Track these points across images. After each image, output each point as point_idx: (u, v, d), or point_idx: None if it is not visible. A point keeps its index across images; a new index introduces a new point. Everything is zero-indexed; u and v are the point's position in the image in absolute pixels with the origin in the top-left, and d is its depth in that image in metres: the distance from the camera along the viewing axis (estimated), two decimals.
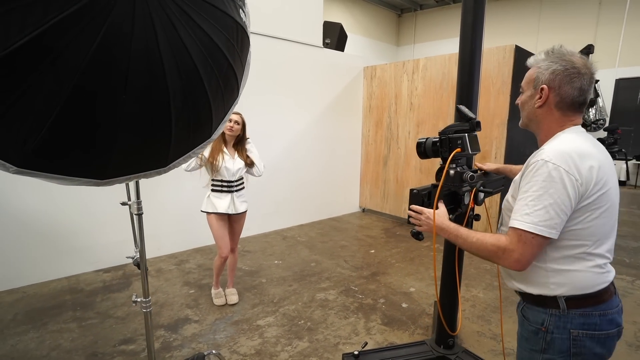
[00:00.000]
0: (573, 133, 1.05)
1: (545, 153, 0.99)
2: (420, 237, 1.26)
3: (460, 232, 1.14)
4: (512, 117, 3.93)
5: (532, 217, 0.96)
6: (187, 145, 1.43)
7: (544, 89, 1.06)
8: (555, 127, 1.08)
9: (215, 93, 1.28)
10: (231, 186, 2.63)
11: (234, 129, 2.58)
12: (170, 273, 3.39)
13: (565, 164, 0.95)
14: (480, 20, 1.75)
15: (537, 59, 1.10)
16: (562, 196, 0.95)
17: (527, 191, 1.00)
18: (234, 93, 1.49)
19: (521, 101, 1.17)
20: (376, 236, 4.60)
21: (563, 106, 1.06)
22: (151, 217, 3.64)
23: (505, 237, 1.02)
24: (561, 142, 1.01)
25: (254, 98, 4.23)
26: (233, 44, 1.28)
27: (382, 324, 2.60)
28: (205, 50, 1.13)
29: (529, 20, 9.72)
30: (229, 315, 2.69)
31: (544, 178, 0.96)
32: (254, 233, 4.54)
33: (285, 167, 4.72)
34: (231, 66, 1.30)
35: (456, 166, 1.27)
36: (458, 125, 1.28)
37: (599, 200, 0.98)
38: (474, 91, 1.78)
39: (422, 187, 1.27)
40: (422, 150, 1.38)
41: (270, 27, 4.27)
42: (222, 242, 2.66)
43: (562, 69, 1.04)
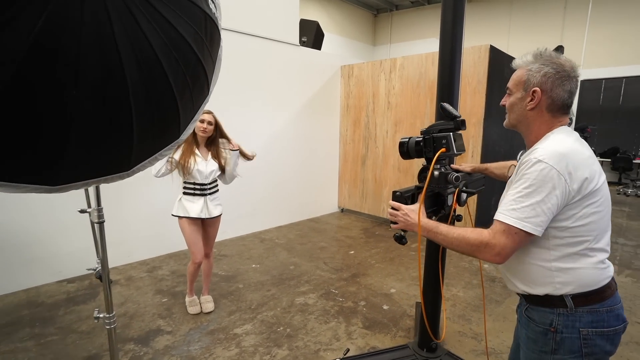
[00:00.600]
0: (562, 133, 1.07)
1: (539, 152, 1.00)
2: (404, 241, 1.20)
3: (440, 228, 1.12)
4: (488, 116, 3.98)
5: (518, 212, 0.98)
6: (153, 146, 1.32)
7: (536, 92, 1.07)
8: (544, 128, 1.10)
9: (182, 89, 1.18)
10: (204, 189, 2.51)
11: (207, 130, 2.46)
12: (141, 281, 3.21)
13: (558, 165, 0.96)
14: (460, 19, 1.71)
15: (526, 61, 1.11)
16: (551, 196, 0.96)
17: (516, 187, 1.01)
18: (203, 91, 1.39)
19: (510, 103, 1.16)
20: (355, 236, 4.56)
21: (554, 108, 1.08)
22: (121, 221, 3.45)
23: (487, 231, 1.02)
24: (554, 143, 1.02)
25: (228, 97, 4.09)
26: (202, 37, 1.18)
27: (364, 327, 2.55)
28: (169, 42, 1.03)
29: (500, 22, 9.98)
30: (204, 324, 2.57)
31: (535, 176, 0.97)
32: (230, 236, 4.40)
33: (262, 167, 4.60)
34: (200, 61, 1.20)
35: (440, 167, 1.22)
36: (442, 124, 1.22)
37: (594, 194, 1.00)
38: (454, 90, 1.75)
39: (405, 188, 1.21)
40: (404, 151, 1.32)
41: (245, 24, 4.15)
42: (195, 247, 2.53)
43: (554, 72, 1.05)
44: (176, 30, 1.05)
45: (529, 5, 9.57)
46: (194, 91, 1.28)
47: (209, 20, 1.21)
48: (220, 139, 2.58)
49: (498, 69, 4.10)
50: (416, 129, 4.58)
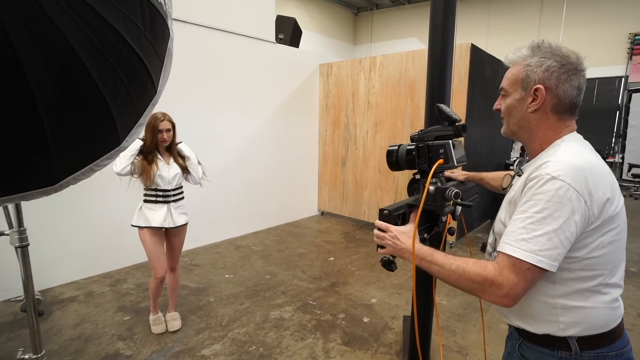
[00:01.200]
0: (574, 142, 0.89)
1: (552, 166, 0.81)
2: (393, 267, 1.02)
3: (435, 257, 0.91)
4: (469, 116, 3.88)
5: (530, 243, 0.78)
6: (85, 156, 1.10)
7: (539, 90, 0.88)
8: (551, 134, 0.92)
9: (114, 87, 0.97)
10: (167, 196, 2.29)
11: (167, 139, 2.25)
12: (102, 297, 2.95)
13: (577, 183, 0.78)
14: (452, 9, 1.55)
15: (521, 55, 0.93)
16: (569, 222, 0.78)
17: (525, 211, 0.81)
18: (147, 89, 1.18)
19: (506, 106, 0.96)
20: (335, 241, 4.39)
21: (560, 109, 0.90)
22: (79, 232, 3.17)
23: (492, 264, 0.83)
24: (568, 154, 0.84)
25: (197, 97, 3.85)
26: (138, 25, 0.97)
27: (342, 343, 2.38)
28: (87, 28, 0.82)
29: (480, 22, 10.03)
30: (168, 345, 2.34)
31: (549, 197, 0.78)
32: (203, 244, 4.16)
33: (237, 170, 4.37)
34: (136, 53, 0.99)
35: (437, 181, 1.03)
36: (438, 130, 1.02)
37: (613, 220, 0.83)
38: (446, 89, 1.59)
39: (394, 205, 1.02)
40: (393, 161, 1.12)
41: (217, 18, 3.91)
42: (157, 261, 2.30)
43: (558, 65, 0.87)
44: (96, 13, 0.84)
45: (507, 6, 9.66)
46: (132, 89, 1.07)
47: (147, 4, 1.00)
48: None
49: (479, 68, 4.01)
50: (397, 130, 4.46)
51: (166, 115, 2.24)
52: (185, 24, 3.64)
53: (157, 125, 2.18)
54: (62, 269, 3.12)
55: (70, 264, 3.17)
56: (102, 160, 1.16)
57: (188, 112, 3.75)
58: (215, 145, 4.09)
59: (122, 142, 1.18)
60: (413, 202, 1.04)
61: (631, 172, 7.60)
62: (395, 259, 1.03)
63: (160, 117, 2.19)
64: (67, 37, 0.78)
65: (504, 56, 1.00)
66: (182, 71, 3.65)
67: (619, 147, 8.28)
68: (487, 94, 4.23)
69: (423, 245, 0.95)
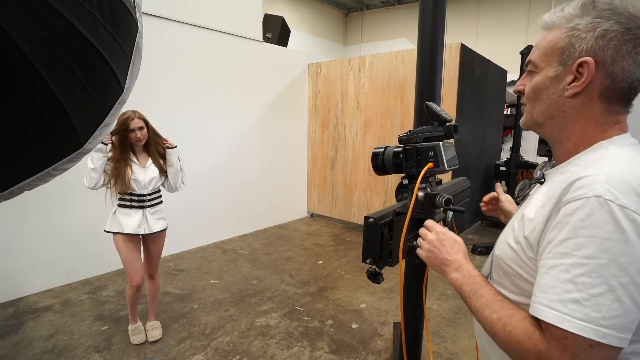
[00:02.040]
0: (627, 146, 0.64)
1: (598, 184, 0.56)
2: (380, 279, 0.93)
3: (478, 288, 0.69)
4: (459, 116, 3.84)
5: (587, 307, 0.52)
6: (39, 160, 1.01)
7: (586, 64, 0.62)
8: (593, 130, 0.66)
9: (66, 84, 0.87)
10: (143, 200, 2.17)
11: (141, 137, 2.13)
12: (80, 305, 2.82)
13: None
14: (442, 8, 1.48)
15: (565, 15, 0.66)
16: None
17: (569, 254, 0.55)
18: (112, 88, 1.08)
19: (533, 86, 0.71)
20: (324, 244, 4.31)
21: (612, 95, 0.63)
22: (55, 237, 3.04)
23: (539, 333, 0.57)
24: (618, 162, 0.59)
25: (183, 96, 3.73)
26: (92, 14, 0.88)
27: (330, 352, 2.30)
28: (29, 15, 0.73)
29: (469, 23, 10.06)
30: (148, 356, 2.23)
31: (607, 232, 0.53)
32: (189, 247, 4.04)
33: (224, 172, 4.26)
34: (92, 46, 0.89)
35: (426, 186, 0.94)
36: (428, 131, 0.91)
37: None
38: (436, 87, 1.51)
39: (380, 212, 0.93)
40: (379, 164, 1.02)
41: (201, 16, 3.80)
42: (132, 268, 2.19)
43: (621, 30, 0.60)
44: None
45: (496, 7, 9.71)
46: (91, 87, 0.97)
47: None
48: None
49: (469, 68, 3.97)
50: (386, 130, 4.40)
51: (136, 113, 2.12)
52: (170, 21, 3.52)
53: (128, 124, 2.06)
54: (37, 277, 2.98)
55: (46, 271, 3.03)
56: (62, 164, 1.06)
57: (173, 112, 3.63)
58: (201, 146, 3.98)
59: (84, 144, 1.08)
60: (400, 209, 0.96)
61: None
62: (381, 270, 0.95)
63: (131, 116, 2.08)
64: (2, 26, 0.69)
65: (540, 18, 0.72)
66: (166, 70, 3.53)
67: None
68: (477, 94, 4.19)
69: (470, 264, 0.75)
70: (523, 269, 0.69)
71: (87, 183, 2.03)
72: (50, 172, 1.05)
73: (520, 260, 0.69)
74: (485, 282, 0.71)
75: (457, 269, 0.75)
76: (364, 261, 0.95)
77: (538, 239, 0.63)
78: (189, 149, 3.80)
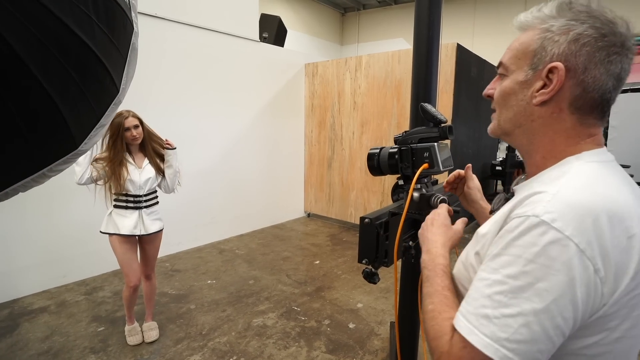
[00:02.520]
0: (595, 163, 0.58)
1: (541, 203, 0.52)
2: (375, 279, 0.94)
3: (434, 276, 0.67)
4: (456, 116, 3.85)
5: (495, 325, 0.50)
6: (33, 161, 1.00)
7: (556, 70, 0.57)
8: (562, 143, 0.61)
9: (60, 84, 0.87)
10: (139, 201, 2.17)
11: (137, 136, 2.12)
12: (76, 306, 2.81)
13: (580, 232, 0.49)
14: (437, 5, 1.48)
15: (541, 15, 0.61)
16: (563, 299, 0.48)
17: (496, 270, 0.52)
18: (107, 88, 1.08)
19: (502, 90, 0.66)
20: (321, 244, 4.31)
21: (583, 105, 0.58)
22: (50, 239, 3.02)
23: (449, 336, 0.56)
24: (573, 181, 0.54)
25: (180, 96, 3.72)
26: (87, 14, 0.88)
27: (327, 351, 2.30)
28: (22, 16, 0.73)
29: (465, 23, 10.10)
30: (145, 357, 2.23)
31: (533, 255, 0.49)
32: (186, 248, 4.03)
33: (221, 172, 4.25)
34: (87, 46, 0.89)
35: (421, 187, 0.95)
36: (423, 132, 0.92)
37: (629, 305, 0.52)
38: (432, 87, 1.52)
39: (375, 213, 0.93)
40: (374, 165, 1.03)
41: (198, 16, 3.79)
42: (128, 269, 2.18)
43: (596, 35, 0.56)
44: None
45: (492, 7, 9.75)
46: (86, 87, 0.97)
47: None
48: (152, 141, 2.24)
49: (465, 68, 3.99)
50: (383, 130, 4.40)
51: (130, 112, 2.11)
52: (166, 21, 3.51)
53: (123, 123, 2.06)
54: (32, 278, 2.96)
55: (42, 272, 3.01)
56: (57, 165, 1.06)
57: (169, 112, 3.62)
58: (198, 146, 3.97)
59: (79, 146, 1.07)
60: (396, 209, 0.96)
61: None
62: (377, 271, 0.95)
63: (125, 114, 2.07)
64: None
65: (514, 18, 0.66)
66: (163, 70, 3.52)
67: None
68: (473, 94, 4.21)
69: (442, 258, 0.70)
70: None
71: (75, 178, 2.01)
72: (45, 174, 1.04)
73: (470, 275, 0.64)
74: (444, 273, 0.67)
75: (427, 251, 0.73)
76: (360, 261, 0.95)
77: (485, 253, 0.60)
78: (186, 148, 3.79)
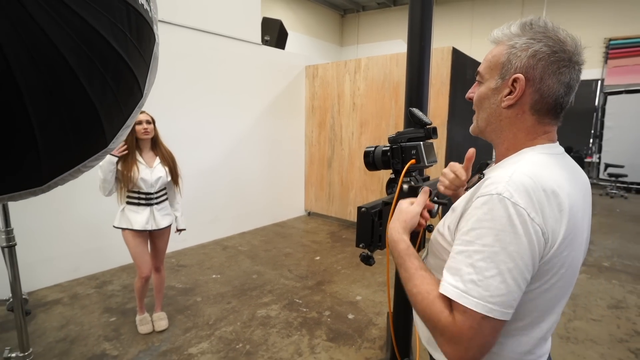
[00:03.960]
0: (544, 154, 0.73)
1: (501, 183, 0.66)
2: (371, 261, 1.08)
3: (403, 262, 0.78)
4: (452, 118, 4.00)
5: (481, 288, 0.63)
6: (72, 157, 1.14)
7: (518, 80, 0.72)
8: (523, 138, 0.76)
9: (101, 92, 1.01)
10: (150, 198, 2.30)
11: (148, 130, 2.25)
12: (88, 298, 2.94)
13: (530, 204, 0.64)
14: (429, 17, 1.63)
15: (508, 33, 0.77)
16: (525, 256, 0.63)
17: (472, 242, 0.65)
18: (134, 94, 1.22)
19: (478, 95, 0.81)
20: (322, 241, 4.45)
21: (541, 108, 0.74)
22: (62, 234, 3.15)
23: (448, 308, 0.67)
24: (524, 167, 0.69)
25: (185, 98, 3.86)
26: (123, 31, 1.02)
27: (328, 339, 2.44)
28: (76, 36, 0.86)
29: (463, 25, 10.25)
30: (155, 344, 2.36)
31: (501, 225, 0.63)
32: (190, 244, 4.17)
33: (224, 171, 4.39)
34: (122, 58, 1.03)
35: (410, 179, 1.10)
36: (411, 132, 1.09)
37: (559, 264, 0.68)
38: (423, 92, 1.66)
39: (371, 203, 1.08)
40: (370, 161, 1.19)
41: (202, 20, 3.93)
42: (140, 260, 2.32)
43: (549, 52, 0.71)
44: (85, 21, 0.88)
45: (490, 10, 9.90)
46: (119, 94, 1.11)
47: (133, 12, 1.05)
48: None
49: (460, 70, 4.13)
50: (382, 131, 4.55)
51: (143, 111, 2.27)
52: (171, 25, 3.65)
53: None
54: (46, 272, 3.10)
55: (54, 266, 3.15)
56: (90, 162, 1.20)
57: (174, 113, 3.76)
58: (201, 147, 4.11)
59: (109, 144, 1.21)
60: (388, 200, 1.11)
61: (607, 172, 7.88)
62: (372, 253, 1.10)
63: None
64: (57, 45, 0.82)
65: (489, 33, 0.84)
66: (166, 73, 3.66)
67: (596, 147, 8.57)
68: None
69: (402, 243, 0.81)
70: (446, 254, 0.76)
71: (102, 192, 2.18)
72: (80, 169, 1.18)
73: (442, 247, 0.80)
74: (409, 255, 0.78)
75: (390, 240, 0.84)
76: (357, 245, 1.09)
77: (455, 227, 0.73)
78: (190, 149, 3.93)
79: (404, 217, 0.87)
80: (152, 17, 1.23)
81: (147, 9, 1.16)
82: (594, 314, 2.76)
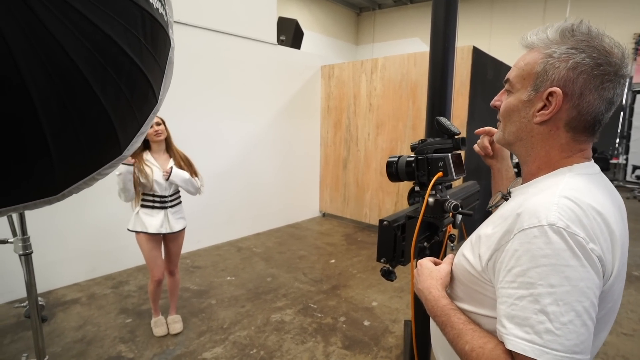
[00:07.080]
0: (583, 175, 0.66)
1: (550, 211, 0.57)
2: (392, 277, 1.03)
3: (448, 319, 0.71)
4: (471, 119, 3.88)
5: (561, 337, 0.53)
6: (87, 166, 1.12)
7: (554, 95, 0.64)
8: (557, 156, 0.68)
9: (115, 100, 0.98)
10: (164, 202, 2.30)
11: (160, 132, 2.23)
12: (104, 299, 2.97)
13: (587, 234, 0.56)
14: (454, 16, 1.55)
15: (545, 39, 0.67)
16: (597, 290, 0.56)
17: (534, 283, 0.56)
18: (148, 99, 1.19)
19: (507, 106, 0.73)
20: (337, 243, 4.40)
21: (578, 126, 0.65)
22: (79, 235, 3.20)
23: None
24: (567, 191, 0.61)
25: (200, 99, 3.86)
26: (137, 37, 0.99)
27: (343, 347, 2.39)
28: (89, 44, 0.83)
29: (482, 23, 10.00)
30: (170, 348, 2.36)
31: (564, 259, 0.55)
32: (205, 245, 4.18)
33: (239, 173, 4.38)
34: (136, 65, 1.00)
35: (436, 193, 1.03)
36: (438, 143, 1.01)
37: (609, 297, 0.62)
38: (447, 95, 1.59)
39: (393, 216, 1.02)
40: (393, 172, 1.12)
41: (218, 21, 3.92)
42: (153, 264, 2.32)
43: (592, 65, 0.61)
44: (98, 29, 0.85)
45: (510, 7, 9.63)
46: (134, 101, 1.08)
47: (148, 17, 1.01)
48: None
49: (481, 70, 4.01)
50: (398, 132, 4.46)
51: None
52: (186, 26, 3.65)
53: None
54: (64, 271, 3.15)
55: (72, 266, 3.19)
56: (105, 169, 1.17)
57: (190, 115, 3.76)
58: (217, 148, 4.11)
59: (123, 151, 1.19)
60: (412, 213, 1.05)
61: (635, 174, 7.56)
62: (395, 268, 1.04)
63: None
64: (69, 53, 0.80)
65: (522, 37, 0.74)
66: (182, 74, 3.66)
67: (623, 148, 8.24)
68: (489, 96, 4.19)
69: (442, 299, 0.75)
70: (475, 284, 0.71)
71: (123, 199, 2.18)
72: (94, 177, 1.16)
73: (472, 275, 0.72)
74: (453, 311, 0.71)
75: (426, 300, 0.78)
76: (378, 260, 1.04)
77: (487, 260, 0.66)
78: (204, 150, 3.93)
79: (439, 275, 0.81)
80: (167, 20, 1.19)
81: (162, 12, 1.13)
82: (625, 327, 2.63)
